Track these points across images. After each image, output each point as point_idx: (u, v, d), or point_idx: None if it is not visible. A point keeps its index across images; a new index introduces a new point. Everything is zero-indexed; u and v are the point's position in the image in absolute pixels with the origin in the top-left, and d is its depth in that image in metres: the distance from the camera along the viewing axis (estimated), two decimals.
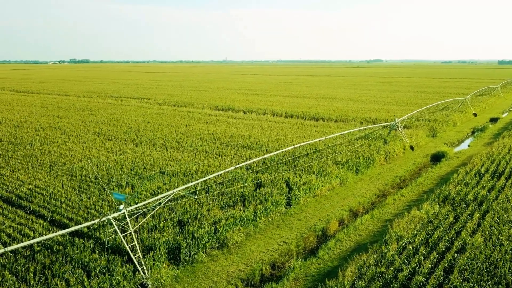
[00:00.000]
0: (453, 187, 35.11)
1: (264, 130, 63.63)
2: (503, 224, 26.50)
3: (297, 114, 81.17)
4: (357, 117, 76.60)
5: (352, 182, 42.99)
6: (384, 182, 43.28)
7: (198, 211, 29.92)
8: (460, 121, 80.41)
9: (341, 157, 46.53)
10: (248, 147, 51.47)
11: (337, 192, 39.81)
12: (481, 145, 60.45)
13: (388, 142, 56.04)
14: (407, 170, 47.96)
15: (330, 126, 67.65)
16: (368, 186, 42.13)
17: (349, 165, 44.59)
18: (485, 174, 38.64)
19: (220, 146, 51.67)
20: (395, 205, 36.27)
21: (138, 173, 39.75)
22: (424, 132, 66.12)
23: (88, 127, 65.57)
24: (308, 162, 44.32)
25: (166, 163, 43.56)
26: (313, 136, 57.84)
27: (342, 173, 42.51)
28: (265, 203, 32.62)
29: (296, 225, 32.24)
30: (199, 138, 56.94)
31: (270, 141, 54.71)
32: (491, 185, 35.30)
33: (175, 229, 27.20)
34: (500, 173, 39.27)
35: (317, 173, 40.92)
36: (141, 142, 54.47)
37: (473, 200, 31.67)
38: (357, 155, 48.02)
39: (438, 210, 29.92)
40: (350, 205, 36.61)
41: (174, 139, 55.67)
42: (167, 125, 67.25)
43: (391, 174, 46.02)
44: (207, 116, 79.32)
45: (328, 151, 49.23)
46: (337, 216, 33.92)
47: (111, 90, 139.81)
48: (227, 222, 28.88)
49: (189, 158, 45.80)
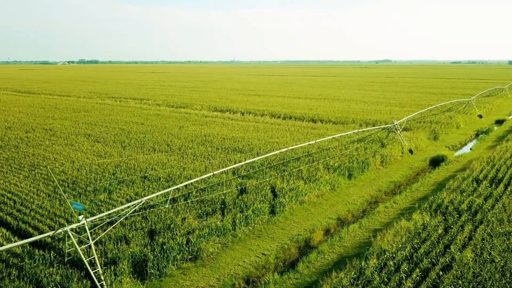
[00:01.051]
0: (447, 195, 33.07)
1: (259, 132, 61.88)
2: (497, 237, 24.48)
3: (296, 115, 79.30)
4: (357, 118, 74.53)
5: (344, 187, 41.08)
6: (377, 188, 41.30)
7: (173, 220, 28.27)
8: (464, 123, 77.95)
9: (333, 161, 44.62)
10: (239, 150, 49.77)
11: (327, 199, 37.93)
12: (484, 149, 58.15)
13: (385, 146, 54.00)
14: (404, 175, 45.92)
15: (327, 128, 65.70)
16: (361, 192, 40.18)
17: (341, 170, 42.66)
18: (483, 181, 36.51)
19: (210, 149, 50.00)
20: (386, 214, 34.32)
21: (119, 177, 38.21)
22: (425, 134, 63.91)
23: (79, 128, 64.31)
24: (298, 166, 42.47)
25: (150, 167, 41.99)
26: (308, 138, 55.94)
27: (333, 178, 40.61)
28: (246, 211, 30.87)
29: (278, 234, 30.44)
30: (190, 140, 55.34)
31: (262, 144, 52.93)
32: (488, 193, 33.19)
33: (145, 239, 25.57)
34: (500, 179, 37.11)
35: (306, 178, 39.07)
36: (130, 144, 52.99)
37: (467, 209, 29.63)
38: (351, 159, 46.07)
39: (428, 220, 27.94)
40: (339, 213, 34.73)
41: (164, 142, 54.13)
42: (160, 127, 65.78)
43: (386, 180, 44.00)
44: (204, 117, 77.74)
45: (321, 155, 47.33)
46: (323, 225, 32.06)
47: (113, 91, 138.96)
48: (202, 232, 27.18)
49: (176, 162, 44.19)
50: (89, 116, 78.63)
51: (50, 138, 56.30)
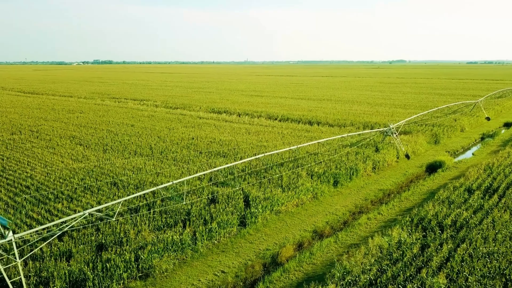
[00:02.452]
0: (432, 207, 30.26)
1: (250, 135, 59.51)
2: (478, 259, 21.72)
3: (293, 117, 76.73)
4: (356, 121, 71.64)
5: (327, 196, 38.48)
6: (364, 197, 38.59)
7: (127, 233, 26.10)
8: (470, 126, 74.46)
9: (318, 167, 42.00)
10: (223, 154, 47.48)
11: (307, 208, 35.40)
12: (487, 154, 54.87)
13: (380, 150, 51.14)
14: (395, 182, 43.08)
15: (322, 131, 63.00)
16: (345, 201, 37.54)
17: (327, 177, 40.04)
18: (476, 191, 33.57)
19: (193, 153, 47.84)
20: (368, 226, 31.66)
21: (87, 183, 36.24)
22: (425, 138, 60.74)
23: (67, 130, 62.77)
24: (280, 172, 39.98)
25: (124, 172, 39.98)
26: (298, 142, 53.39)
27: (316, 185, 38.03)
28: (210, 223, 28.53)
29: (245, 249, 28.05)
30: (176, 143, 53.26)
31: (249, 147, 50.57)
32: (478, 205, 30.29)
33: (90, 255, 23.43)
34: (494, 189, 34.12)
35: (285, 186, 36.58)
36: (112, 148, 51.12)
37: (451, 224, 26.83)
38: (339, 165, 43.40)
39: (406, 237, 25.25)
40: (317, 224, 32.17)
41: (148, 145, 52.14)
42: (150, 129, 63.88)
43: (375, 187, 41.24)
44: (198, 119, 75.68)
45: (308, 160, 44.75)
46: (296, 239, 29.57)
47: (116, 91, 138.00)
48: (155, 247, 24.93)
49: (152, 167, 42.12)
50: (82, 117, 77.22)
51: (32, 141, 54.80)
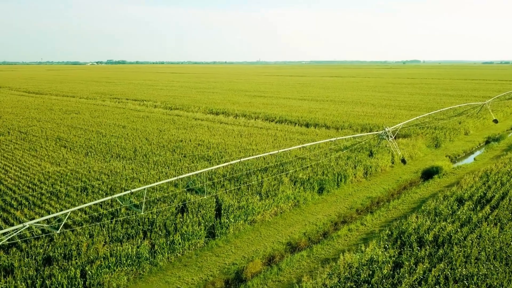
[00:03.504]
0: (416, 219, 27.89)
1: (242, 137, 57.48)
2: (454, 282, 19.38)
3: (291, 119, 74.49)
4: (355, 123, 69.11)
5: (311, 204, 36.28)
6: (350, 205, 36.28)
7: (80, 245, 24.30)
8: (475, 129, 71.34)
9: (303, 173, 39.80)
10: (207, 158, 45.56)
11: (286, 218, 33.26)
12: (489, 159, 52.00)
13: (374, 154, 48.71)
14: (386, 189, 40.64)
15: (317, 133, 60.68)
16: (329, 209, 35.30)
17: (311, 183, 37.84)
18: (468, 201, 31.06)
19: (177, 157, 46.01)
20: (347, 238, 29.42)
21: (57, 188, 34.64)
22: (425, 141, 58.03)
23: (56, 132, 61.54)
24: (262, 178, 37.89)
25: (99, 177, 38.31)
26: (290, 145, 51.19)
27: (298, 193, 35.85)
28: (173, 235, 26.60)
29: (209, 263, 26.05)
30: (162, 146, 51.52)
31: (237, 151, 48.58)
32: (466, 218, 27.82)
33: (31, 271, 21.68)
34: (488, 199, 31.56)
35: (264, 193, 34.48)
36: (96, 150, 49.60)
37: (432, 240, 24.45)
38: (326, 170, 41.12)
39: (380, 253, 22.97)
40: (293, 236, 30.03)
41: (133, 148, 50.49)
42: (140, 131, 62.30)
43: (363, 195, 38.89)
44: (193, 120, 73.95)
45: (294, 165, 42.56)
46: (267, 252, 27.50)
47: (119, 92, 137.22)
48: (107, 261, 23.09)
49: (131, 171, 40.40)
50: (77, 118, 76.09)
51: (17, 142, 53.61)
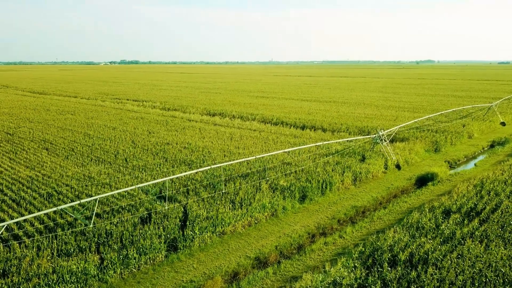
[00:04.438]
0: (394, 234, 25.48)
1: (232, 140, 55.40)
2: None
3: (288, 120, 72.15)
4: (353, 125, 66.53)
5: (290, 213, 34.04)
6: (332, 215, 33.93)
7: (22, 260, 22.48)
8: (480, 132, 68.20)
9: (285, 179, 37.56)
10: (188, 162, 43.58)
11: (259, 229, 31.09)
12: (491, 165, 49.13)
13: (366, 159, 46.22)
14: (374, 197, 38.14)
15: (311, 136, 58.29)
16: (309, 219, 33.02)
17: (292, 191, 35.60)
18: (455, 213, 28.52)
19: (159, 161, 44.14)
20: (322, 253, 27.16)
21: (20, 196, 32.99)
22: (424, 145, 55.22)
23: (43, 133, 60.25)
24: (239, 185, 35.77)
25: (70, 182, 36.59)
26: (280, 149, 48.92)
27: (276, 201, 33.65)
28: (128, 248, 24.62)
29: (165, 280, 24.03)
30: (146, 149, 49.72)
31: (222, 155, 46.52)
32: (450, 233, 25.31)
33: None
34: (478, 212, 28.96)
35: (238, 201, 32.35)
36: (77, 153, 48.04)
37: (407, 260, 22.05)
38: (310, 176, 38.81)
39: (345, 274, 20.69)
40: (264, 249, 27.85)
41: (115, 151, 48.80)
42: (130, 133, 60.63)
43: (349, 203, 36.48)
44: (187, 122, 72.12)
45: (277, 170, 40.32)
46: (231, 268, 25.37)
47: (121, 92, 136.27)
48: (46, 279, 21.20)
49: (106, 176, 38.64)
50: (70, 119, 74.89)
51: (0, 144, 52.33)
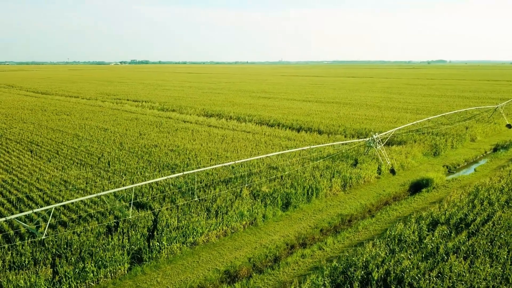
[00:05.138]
0: (372, 249, 23.58)
1: (223, 143, 53.75)
2: None
3: (285, 122, 70.32)
4: (350, 127, 64.51)
5: (271, 222, 32.27)
6: (316, 224, 32.10)
7: None
8: (484, 135, 65.62)
9: (269, 185, 35.78)
10: (172, 166, 42.02)
11: (235, 239, 29.37)
12: (491, 170, 46.84)
13: (359, 164, 44.26)
14: (363, 205, 36.18)
15: (305, 139, 56.39)
16: (290, 228, 31.22)
17: (274, 197, 33.84)
18: (443, 225, 26.52)
19: (142, 164, 42.68)
20: (296, 267, 25.35)
21: None
22: (422, 149, 53.04)
23: (32, 134, 59.23)
24: (219, 191, 34.09)
25: (44, 187, 35.25)
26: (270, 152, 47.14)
27: (256, 209, 31.91)
28: (86, 261, 23.08)
29: None
30: (132, 152, 48.30)
31: (209, 158, 44.90)
32: (434, 248, 23.35)
33: None
34: (468, 223, 26.92)
35: (215, 209, 30.68)
36: (61, 155, 46.80)
37: (380, 279, 20.15)
38: (296, 182, 37.00)
39: None
40: (236, 262, 26.12)
41: (100, 153, 47.47)
42: (120, 134, 59.33)
43: (335, 211, 34.59)
44: (182, 123, 70.66)
45: (261, 175, 38.56)
46: (196, 283, 23.70)
47: (123, 92, 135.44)
48: None
49: (83, 181, 37.25)
50: (64, 119, 73.91)
51: None
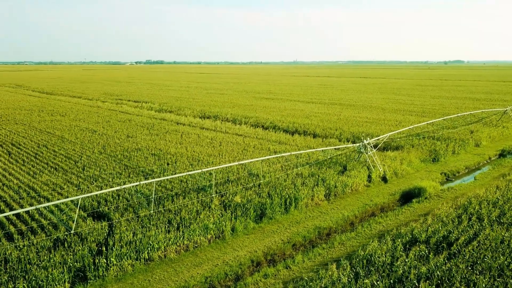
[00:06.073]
0: (335, 271, 21.00)
1: (209, 147, 51.50)
2: None
3: (281, 125, 67.79)
4: (348, 131, 61.63)
5: (241, 235, 29.88)
6: (289, 238, 29.59)
7: None
8: (490, 140, 62.08)
9: (243, 194, 33.38)
10: (148, 172, 39.93)
11: (197, 254, 27.06)
12: (493, 178, 43.68)
13: (347, 171, 41.55)
14: (346, 216, 33.48)
15: (297, 143, 53.77)
16: (260, 243, 28.78)
17: (247, 208, 31.44)
18: (421, 244, 23.76)
19: (118, 170, 40.69)
20: None
21: None
22: (419, 155, 50.00)
23: (18, 136, 57.91)
24: (188, 200, 31.82)
25: (4, 194, 33.47)
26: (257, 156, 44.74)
27: (224, 221, 29.56)
28: (13, 281, 21.02)
29: None
30: (112, 156, 46.40)
31: (189, 163, 42.71)
32: (405, 272, 20.63)
33: None
34: (450, 242, 24.11)
35: (178, 221, 28.41)
36: (38, 159, 45.19)
37: None
38: (274, 191, 34.52)
39: None
40: (191, 282, 23.82)
41: (78, 157, 45.68)
42: (107, 136, 57.56)
43: (314, 223, 32.02)
44: (174, 125, 68.67)
45: (241, 182, 36.17)
46: None
47: (127, 92, 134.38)
48: None
49: (47, 188, 35.39)
50: (57, 120, 72.65)
51: None
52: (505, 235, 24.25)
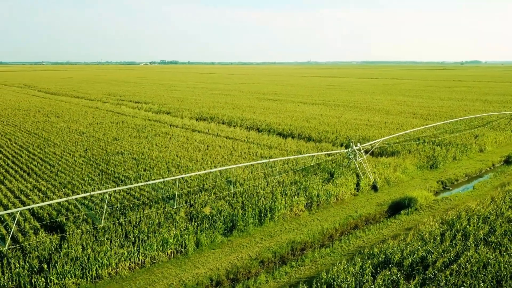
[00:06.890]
0: None
1: (195, 151, 49.41)
2: None
3: (277, 127, 65.31)
4: (344, 135, 58.95)
5: (207, 249, 27.66)
6: (258, 253, 27.25)
7: None
8: (495, 145, 58.70)
9: (210, 206, 31.11)
10: (121, 178, 37.94)
11: (153, 271, 24.92)
12: (493, 187, 40.71)
13: (334, 178, 38.99)
14: (325, 229, 30.98)
15: (287, 148, 51.29)
16: (224, 259, 26.51)
17: (215, 220, 29.20)
18: (394, 266, 21.21)
19: (92, 176, 38.84)
20: None
21: None
22: (416, 161, 47.10)
23: (5, 139, 56.67)
24: (154, 211, 29.71)
25: None
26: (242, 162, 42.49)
27: (188, 235, 27.37)
28: None
29: None
30: (91, 160, 44.62)
31: (167, 170, 40.66)
32: None
33: None
34: (427, 264, 21.50)
35: (135, 235, 26.30)
36: (15, 163, 43.68)
37: None
38: (249, 200, 32.22)
39: None
40: None
41: (57, 160, 44.03)
42: (94, 139, 55.93)
43: (288, 237, 29.62)
44: (167, 127, 66.79)
45: (214, 191, 33.93)
46: None
47: (130, 93, 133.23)
48: None
49: (13, 195, 33.67)
50: (49, 122, 71.45)
51: None
52: (490, 257, 21.53)
